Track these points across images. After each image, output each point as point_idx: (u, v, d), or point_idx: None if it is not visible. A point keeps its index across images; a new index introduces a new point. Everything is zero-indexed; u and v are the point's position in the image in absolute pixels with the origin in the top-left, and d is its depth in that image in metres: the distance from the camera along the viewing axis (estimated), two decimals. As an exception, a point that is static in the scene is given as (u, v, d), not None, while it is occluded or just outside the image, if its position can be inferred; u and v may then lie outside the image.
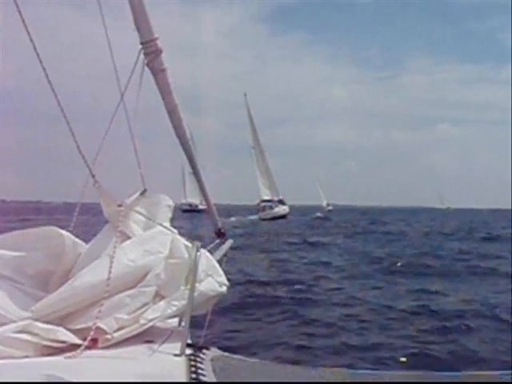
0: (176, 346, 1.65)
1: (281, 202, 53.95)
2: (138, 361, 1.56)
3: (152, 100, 2.22)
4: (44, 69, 1.72)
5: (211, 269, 1.92)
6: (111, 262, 1.73)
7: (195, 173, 2.42)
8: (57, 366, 1.44)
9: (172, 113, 2.24)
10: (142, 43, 2.07)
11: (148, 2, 2.02)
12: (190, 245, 1.91)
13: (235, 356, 1.80)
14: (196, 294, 1.78)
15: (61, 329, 1.63)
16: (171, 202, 2.13)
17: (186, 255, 1.89)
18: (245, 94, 58.39)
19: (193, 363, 1.53)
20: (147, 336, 1.76)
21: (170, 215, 2.10)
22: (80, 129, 1.84)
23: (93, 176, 1.91)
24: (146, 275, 1.81)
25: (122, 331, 1.69)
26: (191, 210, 62.49)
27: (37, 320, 1.63)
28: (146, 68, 2.12)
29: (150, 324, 1.74)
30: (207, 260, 1.93)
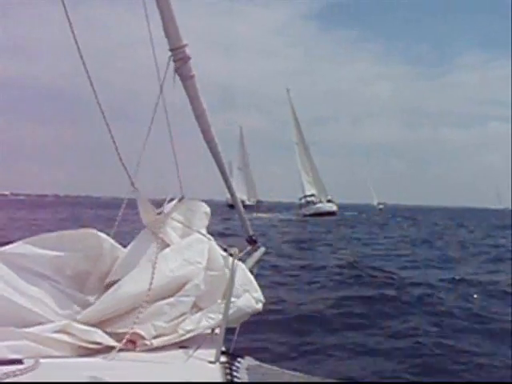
0: (210, 353, 1.64)
1: (329, 202, 51.55)
2: (173, 365, 1.56)
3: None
4: (84, 63, 1.73)
5: (248, 284, 1.93)
6: (153, 272, 1.75)
7: (225, 179, 2.37)
8: (93, 366, 1.46)
9: (200, 118, 2.25)
10: (171, 50, 2.07)
11: (198, 2, 2.01)
12: (225, 254, 1.93)
13: (271, 366, 1.79)
14: (233, 309, 1.80)
15: (99, 331, 1.65)
16: (208, 209, 2.14)
17: (224, 266, 1.91)
18: (287, 89, 57.79)
19: (228, 371, 1.52)
20: (181, 342, 1.76)
21: (206, 222, 2.11)
22: (117, 128, 1.86)
23: (132, 184, 1.93)
24: (184, 285, 1.83)
25: (160, 339, 1.70)
26: None
27: (75, 321, 1.66)
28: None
29: (189, 335, 1.76)
30: (243, 273, 1.95)
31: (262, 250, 2.41)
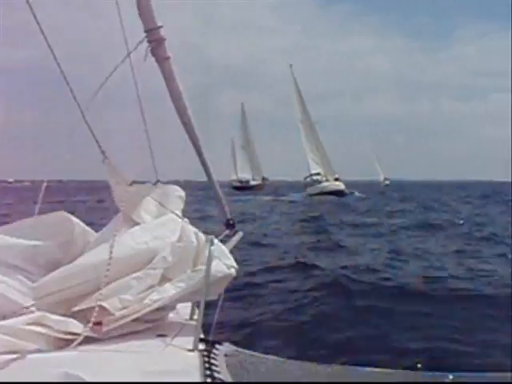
0: (189, 340, 1.63)
1: (337, 180, 48.53)
2: (150, 355, 1.55)
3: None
4: (51, 50, 1.78)
5: (218, 252, 1.87)
6: (115, 244, 1.72)
7: (202, 162, 2.32)
8: (68, 360, 1.44)
9: (176, 100, 2.23)
10: (145, 31, 2.08)
11: None
12: (199, 232, 1.90)
13: (249, 352, 1.79)
14: (202, 275, 1.75)
15: (73, 320, 1.63)
16: (183, 193, 2.13)
17: (194, 240, 1.88)
18: (290, 66, 55.71)
19: (206, 359, 1.51)
20: (159, 330, 1.76)
21: (181, 206, 2.09)
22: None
23: (102, 152, 1.90)
24: (152, 259, 1.81)
25: (125, 310, 1.68)
26: (242, 188, 60.88)
27: (39, 298, 1.66)
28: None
29: (155, 306, 1.73)
30: (215, 244, 1.88)
31: (240, 234, 2.35)
